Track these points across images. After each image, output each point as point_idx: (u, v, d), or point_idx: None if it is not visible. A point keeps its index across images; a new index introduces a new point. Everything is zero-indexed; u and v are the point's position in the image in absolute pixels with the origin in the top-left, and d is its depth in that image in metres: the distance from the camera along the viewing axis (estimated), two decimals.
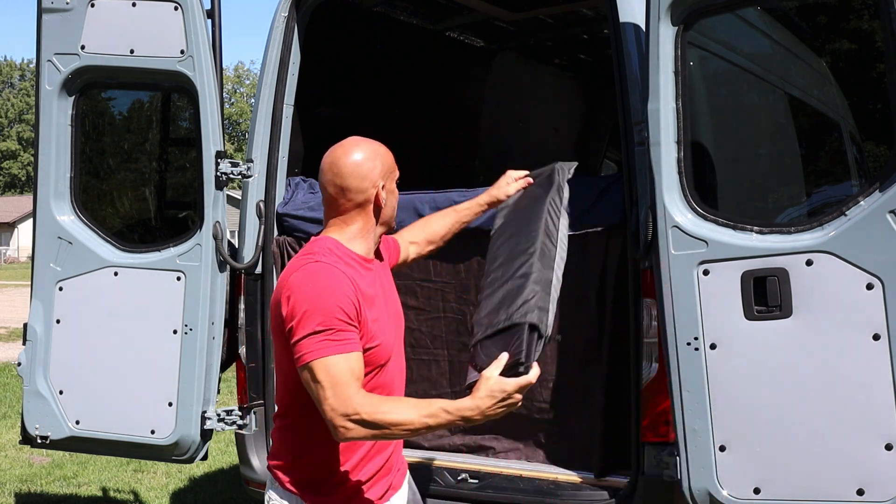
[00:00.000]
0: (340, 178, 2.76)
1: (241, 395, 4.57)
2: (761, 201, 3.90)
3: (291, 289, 2.65)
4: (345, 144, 2.82)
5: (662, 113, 3.40)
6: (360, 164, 2.76)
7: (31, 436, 4.49)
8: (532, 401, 4.11)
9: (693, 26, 3.43)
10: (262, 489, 4.45)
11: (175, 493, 6.82)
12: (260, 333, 4.51)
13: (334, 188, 2.78)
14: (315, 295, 2.61)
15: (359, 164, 2.76)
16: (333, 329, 2.59)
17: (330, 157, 2.81)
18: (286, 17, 4.51)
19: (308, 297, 2.61)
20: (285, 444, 2.83)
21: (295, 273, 2.68)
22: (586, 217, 3.88)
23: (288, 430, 2.83)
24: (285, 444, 2.83)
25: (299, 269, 2.68)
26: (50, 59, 4.40)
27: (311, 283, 2.63)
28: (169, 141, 4.71)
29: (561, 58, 7.21)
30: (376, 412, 2.56)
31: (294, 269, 2.71)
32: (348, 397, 2.55)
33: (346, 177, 2.75)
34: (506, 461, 4.17)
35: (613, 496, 3.73)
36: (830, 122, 4.19)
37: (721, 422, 3.30)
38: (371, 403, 2.57)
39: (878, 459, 3.10)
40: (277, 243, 4.53)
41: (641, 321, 3.65)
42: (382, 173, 2.81)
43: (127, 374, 4.33)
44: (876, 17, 3.28)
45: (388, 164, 2.84)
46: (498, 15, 5.93)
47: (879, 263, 3.10)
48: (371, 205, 2.80)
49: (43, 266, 4.46)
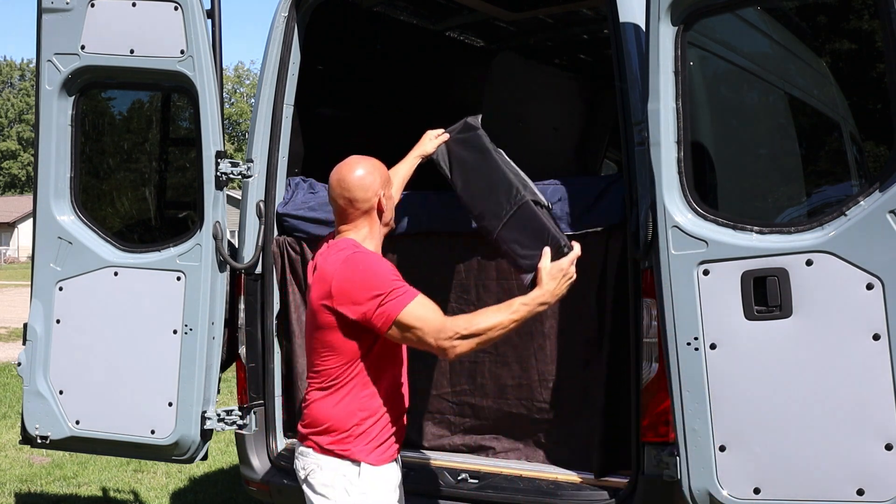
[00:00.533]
0: (349, 192, 3.27)
1: (241, 395, 4.57)
2: (761, 201, 3.90)
3: (346, 276, 3.13)
4: (349, 163, 3.32)
5: (662, 113, 3.40)
6: (363, 178, 3.27)
7: (31, 436, 4.49)
8: (532, 401, 4.11)
9: (693, 26, 3.43)
10: (262, 489, 4.48)
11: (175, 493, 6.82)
12: (260, 333, 4.51)
13: (343, 200, 3.29)
14: (370, 272, 3.14)
15: (362, 178, 3.27)
16: (396, 287, 3.11)
17: (337, 175, 3.31)
18: (286, 17, 4.51)
19: (366, 275, 3.13)
20: (327, 410, 3.22)
21: (341, 264, 3.16)
22: (586, 217, 3.88)
23: (335, 395, 3.22)
24: (327, 410, 3.22)
25: (344, 261, 3.17)
26: (50, 59, 4.40)
27: (362, 265, 3.15)
28: (169, 141, 4.71)
29: (561, 58, 7.21)
30: (471, 325, 3.09)
31: (337, 262, 3.17)
32: (442, 324, 3.10)
33: (354, 190, 3.26)
34: (506, 461, 4.17)
35: (613, 496, 3.73)
36: (830, 122, 4.19)
37: (721, 422, 3.30)
38: (464, 319, 3.12)
39: (878, 459, 3.10)
40: (277, 243, 4.53)
41: (641, 321, 3.65)
42: (381, 184, 3.31)
43: (127, 374, 4.33)
44: (876, 17, 3.28)
45: (385, 176, 3.35)
46: (498, 15, 5.92)
47: (879, 263, 3.10)
48: (375, 211, 3.31)
49: (43, 266, 4.46)
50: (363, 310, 3.10)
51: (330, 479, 3.20)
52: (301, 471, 3.29)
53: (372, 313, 3.09)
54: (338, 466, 3.20)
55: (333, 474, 3.19)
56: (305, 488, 3.27)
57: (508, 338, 4.12)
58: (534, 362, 4.10)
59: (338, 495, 3.18)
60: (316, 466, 3.23)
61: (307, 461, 3.27)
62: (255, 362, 4.51)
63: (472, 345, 3.11)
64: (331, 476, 3.20)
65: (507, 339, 4.14)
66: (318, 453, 3.24)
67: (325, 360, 3.23)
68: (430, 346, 3.11)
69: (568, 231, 3.91)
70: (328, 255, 3.25)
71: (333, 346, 3.20)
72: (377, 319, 3.09)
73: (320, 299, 3.18)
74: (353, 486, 3.18)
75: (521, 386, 4.13)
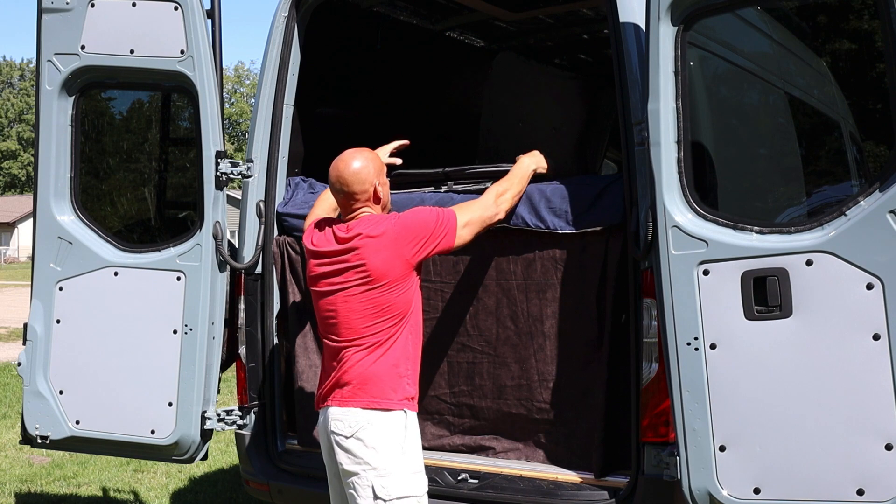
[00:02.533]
0: (348, 187, 3.54)
1: (241, 395, 4.57)
2: (761, 201, 3.90)
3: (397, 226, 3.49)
4: (344, 158, 3.58)
5: (662, 113, 3.40)
6: (359, 171, 3.54)
7: (31, 436, 4.49)
8: (532, 401, 4.11)
9: (693, 26, 3.43)
10: (262, 489, 4.48)
11: (175, 493, 6.82)
12: (260, 333, 4.51)
13: (344, 195, 3.57)
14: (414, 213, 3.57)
15: (358, 171, 3.54)
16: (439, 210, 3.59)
17: (335, 171, 3.57)
18: (286, 17, 4.51)
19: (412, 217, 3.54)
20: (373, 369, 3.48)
21: (395, 222, 3.50)
22: (586, 217, 3.88)
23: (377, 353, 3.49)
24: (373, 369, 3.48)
25: (396, 220, 3.52)
26: (50, 59, 4.40)
27: (403, 214, 3.55)
28: (169, 141, 4.71)
29: (561, 58, 7.21)
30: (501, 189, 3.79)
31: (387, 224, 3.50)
32: (485, 205, 3.71)
33: (352, 184, 3.54)
34: (506, 461, 4.17)
35: (613, 496, 3.73)
36: (830, 122, 4.18)
37: (721, 422, 3.30)
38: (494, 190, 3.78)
39: (878, 459, 3.10)
40: (277, 243, 4.53)
41: (641, 321, 3.65)
42: (375, 173, 3.58)
43: (127, 374, 4.33)
44: (876, 17, 3.28)
45: (378, 165, 3.62)
46: (498, 15, 5.92)
47: (879, 263, 3.10)
48: (373, 198, 3.58)
49: (43, 266, 4.46)
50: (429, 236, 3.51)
51: (382, 434, 3.44)
52: (347, 429, 3.45)
53: (438, 235, 3.52)
54: (389, 420, 3.46)
55: (385, 429, 3.45)
56: (351, 444, 3.44)
57: (508, 337, 4.13)
58: (534, 362, 4.09)
59: (391, 448, 3.44)
60: (366, 423, 3.44)
61: (356, 418, 3.45)
62: (255, 362, 4.51)
63: (510, 200, 3.82)
64: (383, 431, 3.44)
65: (507, 339, 4.14)
66: (367, 409, 3.46)
67: (373, 325, 3.49)
68: (492, 219, 3.72)
69: (568, 230, 3.92)
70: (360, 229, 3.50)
71: (385, 306, 3.47)
72: (444, 234, 3.54)
73: (376, 263, 3.46)
74: (403, 440, 3.47)
75: (522, 386, 4.13)
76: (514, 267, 4.09)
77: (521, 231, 4.00)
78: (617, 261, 3.83)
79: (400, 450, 3.46)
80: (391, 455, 3.44)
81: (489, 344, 4.19)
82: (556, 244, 3.97)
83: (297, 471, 4.39)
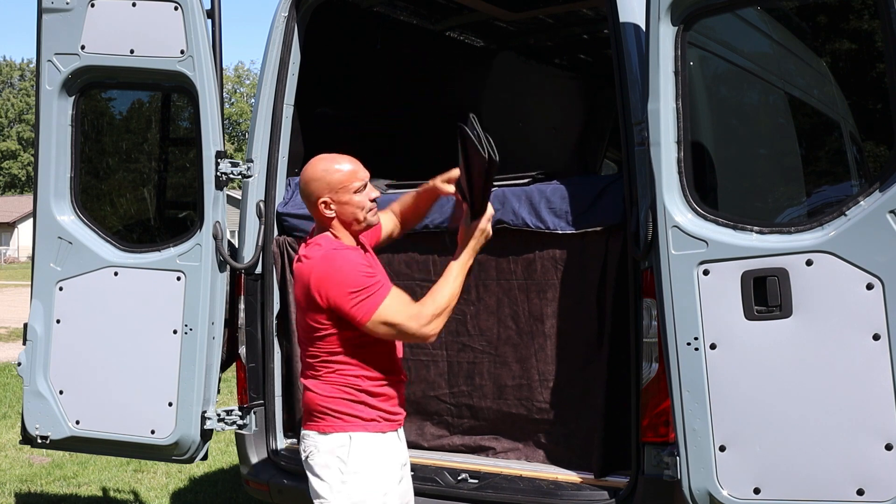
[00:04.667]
0: (303, 197, 3.35)
1: (241, 395, 4.57)
2: (761, 201, 3.90)
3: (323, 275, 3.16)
4: (305, 167, 3.35)
5: (662, 113, 3.40)
6: (307, 184, 3.30)
7: (31, 436, 4.49)
8: (532, 401, 4.11)
9: (693, 26, 3.43)
10: (262, 489, 4.48)
11: (175, 493, 6.82)
12: (260, 333, 4.51)
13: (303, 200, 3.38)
14: (343, 272, 3.16)
15: (306, 184, 3.30)
16: (369, 285, 3.15)
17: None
18: (286, 17, 4.52)
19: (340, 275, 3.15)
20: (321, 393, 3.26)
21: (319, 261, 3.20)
22: (586, 217, 3.88)
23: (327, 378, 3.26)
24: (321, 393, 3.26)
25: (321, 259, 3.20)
26: (50, 59, 4.40)
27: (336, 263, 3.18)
28: (169, 141, 4.71)
29: (561, 58, 7.21)
30: (437, 304, 3.20)
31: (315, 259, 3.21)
32: (416, 313, 3.18)
33: (303, 197, 3.34)
34: (506, 461, 4.17)
35: (613, 496, 3.73)
36: (830, 122, 4.19)
37: (721, 422, 3.30)
38: (430, 301, 3.21)
39: (878, 459, 3.10)
40: (277, 243, 4.53)
41: (641, 321, 3.65)
42: (327, 190, 3.26)
43: (127, 374, 4.33)
44: (876, 17, 3.28)
45: (335, 181, 3.26)
46: (498, 15, 5.93)
47: (879, 263, 3.10)
48: (322, 217, 3.30)
49: (43, 266, 4.46)
50: (341, 308, 3.15)
51: (325, 460, 3.25)
52: (302, 453, 3.33)
53: (349, 310, 3.14)
54: (332, 445, 3.24)
55: (329, 455, 3.24)
56: (307, 471, 3.31)
57: (509, 337, 4.13)
58: (534, 362, 4.10)
59: (332, 476, 3.23)
60: (314, 448, 3.27)
61: (307, 443, 3.31)
62: (255, 362, 4.51)
63: (443, 320, 3.24)
64: (326, 457, 3.25)
65: (508, 339, 4.14)
66: (316, 433, 3.28)
67: (315, 347, 3.27)
68: (412, 335, 3.21)
69: (568, 230, 3.92)
70: (308, 251, 3.29)
71: (320, 333, 3.23)
72: (355, 316, 3.14)
73: (303, 293, 3.24)
74: (345, 466, 3.22)
75: (522, 386, 4.13)
76: (515, 267, 4.09)
77: (521, 231, 4.01)
78: (617, 261, 3.83)
79: (339, 477, 3.22)
80: (330, 483, 3.23)
81: (490, 344, 4.19)
82: (556, 244, 3.98)
83: (297, 471, 4.38)
